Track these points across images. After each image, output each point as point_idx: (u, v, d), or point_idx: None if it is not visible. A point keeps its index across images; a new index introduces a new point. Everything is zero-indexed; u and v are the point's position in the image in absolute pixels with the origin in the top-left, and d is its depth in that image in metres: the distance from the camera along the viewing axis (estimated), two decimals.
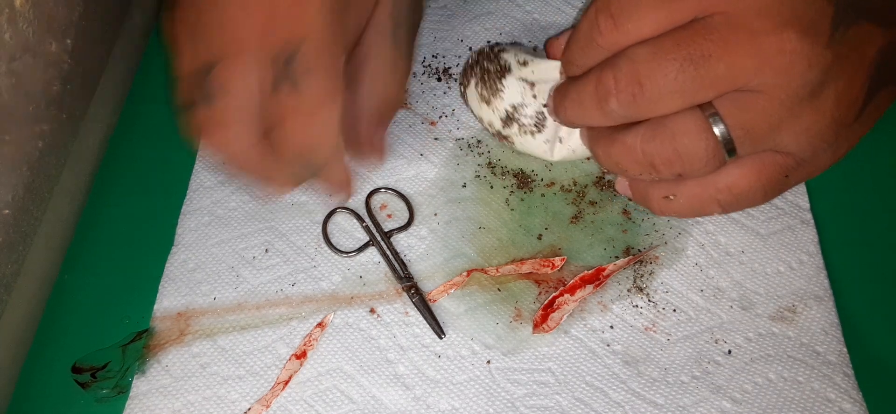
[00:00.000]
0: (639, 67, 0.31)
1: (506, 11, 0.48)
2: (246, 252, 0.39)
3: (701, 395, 0.35)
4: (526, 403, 0.35)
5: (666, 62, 0.31)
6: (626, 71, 0.32)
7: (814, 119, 0.31)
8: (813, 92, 0.31)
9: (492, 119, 0.40)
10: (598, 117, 0.34)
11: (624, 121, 0.33)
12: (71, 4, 0.41)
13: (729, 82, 0.31)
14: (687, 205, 0.35)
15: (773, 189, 0.34)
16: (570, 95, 0.35)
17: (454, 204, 0.41)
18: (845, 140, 0.33)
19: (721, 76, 0.31)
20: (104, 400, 0.35)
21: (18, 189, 0.37)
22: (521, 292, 0.38)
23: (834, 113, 0.31)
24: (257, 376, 0.36)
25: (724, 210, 0.35)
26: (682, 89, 0.31)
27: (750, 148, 0.32)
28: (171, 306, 0.38)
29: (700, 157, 0.32)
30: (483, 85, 0.40)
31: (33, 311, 0.38)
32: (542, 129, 0.39)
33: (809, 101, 0.31)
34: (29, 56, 0.37)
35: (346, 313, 0.37)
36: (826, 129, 0.32)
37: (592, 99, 0.33)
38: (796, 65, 0.30)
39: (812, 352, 0.36)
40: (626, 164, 0.34)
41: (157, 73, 0.47)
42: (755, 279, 0.38)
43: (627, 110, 0.32)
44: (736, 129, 0.32)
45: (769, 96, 0.31)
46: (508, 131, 0.40)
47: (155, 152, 0.44)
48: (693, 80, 0.31)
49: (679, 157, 0.33)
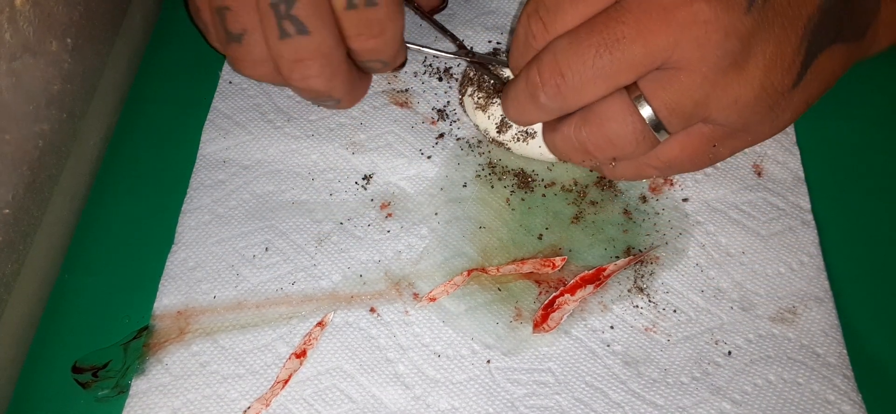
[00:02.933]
0: (559, 58, 0.32)
1: (506, 11, 0.48)
2: (246, 251, 0.39)
3: (701, 396, 0.35)
4: (526, 403, 0.35)
5: (582, 49, 0.31)
6: (548, 63, 0.33)
7: (741, 89, 0.31)
8: (736, 61, 0.30)
9: (487, 126, 0.41)
10: (533, 112, 0.35)
11: (559, 113, 0.34)
12: (71, 4, 0.41)
13: (647, 62, 0.31)
14: (626, 170, 0.37)
15: (700, 159, 0.35)
16: (509, 95, 0.37)
17: (455, 203, 0.41)
18: (787, 107, 0.32)
19: (638, 56, 0.31)
20: (104, 399, 0.35)
21: (18, 188, 0.37)
22: (521, 292, 0.38)
23: (764, 80, 0.31)
24: (257, 375, 0.36)
25: (661, 174, 0.37)
26: (603, 74, 0.31)
27: (679, 125, 0.32)
28: (170, 305, 0.38)
29: (629, 139, 0.33)
30: (479, 93, 0.41)
31: (33, 310, 0.38)
32: (536, 135, 0.40)
33: (734, 70, 0.30)
34: (29, 55, 0.37)
35: (346, 312, 0.37)
36: (756, 98, 0.31)
37: (525, 95, 0.34)
38: (712, 35, 0.30)
39: (812, 353, 0.36)
40: (567, 152, 0.36)
41: (157, 73, 0.47)
42: (755, 280, 0.38)
43: (556, 102, 0.33)
44: (662, 110, 0.32)
45: (690, 71, 0.31)
46: (503, 138, 0.41)
47: (155, 152, 0.44)
48: (611, 63, 0.31)
49: (610, 142, 0.33)
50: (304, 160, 0.43)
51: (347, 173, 0.42)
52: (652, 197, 0.40)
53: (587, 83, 0.32)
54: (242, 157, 0.43)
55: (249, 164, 0.42)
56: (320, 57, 0.34)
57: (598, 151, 0.34)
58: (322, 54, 0.34)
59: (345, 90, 0.37)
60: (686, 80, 0.31)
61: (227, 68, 0.46)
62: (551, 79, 0.32)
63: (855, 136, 0.43)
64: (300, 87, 0.36)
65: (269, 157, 0.43)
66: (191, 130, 0.44)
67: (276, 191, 0.41)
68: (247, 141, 0.43)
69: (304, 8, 0.32)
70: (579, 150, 0.35)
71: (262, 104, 0.45)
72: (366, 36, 0.34)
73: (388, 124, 0.44)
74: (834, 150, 0.42)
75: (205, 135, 0.43)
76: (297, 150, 0.43)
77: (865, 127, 0.43)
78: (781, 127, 0.34)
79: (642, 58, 0.31)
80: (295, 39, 0.33)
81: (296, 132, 0.44)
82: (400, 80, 0.46)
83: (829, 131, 0.43)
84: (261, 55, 0.35)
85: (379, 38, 0.35)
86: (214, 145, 0.43)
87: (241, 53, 0.36)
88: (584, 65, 0.31)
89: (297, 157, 0.43)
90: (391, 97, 0.45)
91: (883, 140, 0.43)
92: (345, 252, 0.39)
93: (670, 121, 0.32)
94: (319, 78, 0.35)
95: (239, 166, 0.42)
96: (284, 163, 0.42)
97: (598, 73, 0.31)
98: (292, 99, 0.45)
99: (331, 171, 0.42)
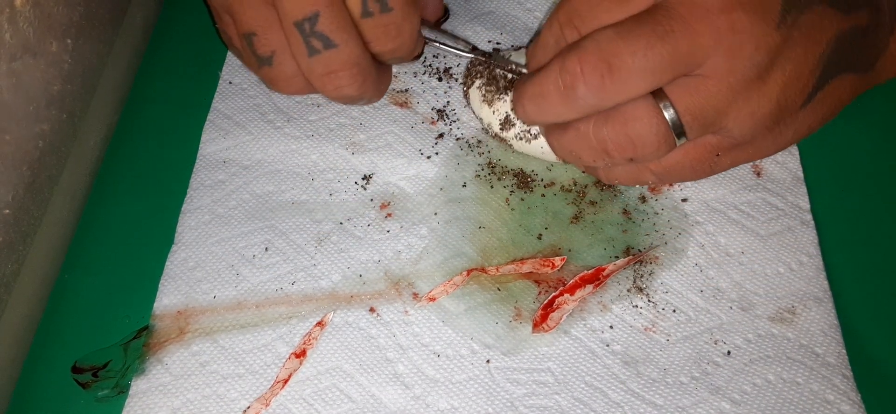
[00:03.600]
0: (604, 48, 0.31)
1: (506, 11, 0.48)
2: (246, 251, 0.39)
3: (700, 396, 0.35)
4: (525, 403, 0.35)
5: (633, 39, 0.31)
6: (592, 53, 0.31)
7: (759, 103, 0.31)
8: (760, 75, 0.30)
9: (491, 121, 0.41)
10: (562, 108, 0.33)
11: (588, 111, 0.33)
12: (71, 4, 0.41)
13: (689, 60, 0.31)
14: (625, 174, 0.37)
15: (701, 168, 0.35)
16: (531, 90, 0.35)
17: (454, 203, 0.41)
18: (790, 127, 0.33)
19: (683, 53, 0.30)
20: (104, 399, 0.35)
21: (19, 189, 0.37)
22: (520, 292, 0.38)
23: (780, 97, 0.31)
24: (257, 375, 0.36)
25: (658, 181, 0.36)
26: (650, 69, 0.31)
27: (699, 131, 0.32)
28: (170, 304, 0.38)
29: (652, 142, 0.33)
30: (487, 86, 0.40)
31: (33, 311, 0.38)
32: (539, 135, 0.40)
33: (757, 83, 0.31)
34: (29, 56, 0.37)
35: (346, 312, 0.37)
36: (770, 113, 0.31)
37: (556, 88, 0.33)
38: (745, 45, 0.30)
39: (811, 353, 0.36)
40: (579, 151, 0.35)
41: (157, 73, 0.47)
42: (755, 280, 0.38)
43: (596, 96, 0.32)
44: (686, 115, 0.32)
45: (717, 80, 0.31)
46: (506, 134, 0.41)
47: (155, 152, 0.44)
48: (660, 56, 0.30)
49: (631, 142, 0.33)
50: (304, 160, 0.43)
51: (347, 173, 0.42)
52: (651, 197, 0.40)
53: (633, 77, 0.31)
54: (242, 158, 0.43)
55: (249, 165, 0.43)
56: (350, 66, 0.35)
57: (617, 151, 0.34)
58: (351, 63, 0.35)
59: (375, 90, 0.38)
60: (712, 89, 0.31)
61: (227, 68, 0.46)
62: (595, 70, 0.31)
63: (854, 137, 0.43)
64: (334, 97, 0.37)
65: (269, 157, 0.43)
66: (191, 130, 0.44)
67: (275, 191, 0.41)
68: (247, 141, 0.43)
69: (328, 23, 0.33)
70: (597, 149, 0.34)
71: (262, 104, 0.45)
72: (384, 39, 0.35)
73: (387, 124, 0.44)
74: (833, 150, 0.42)
75: (205, 135, 0.44)
76: (297, 150, 0.43)
77: (864, 127, 0.43)
78: (783, 146, 0.34)
79: (686, 56, 0.31)
80: (324, 55, 0.34)
81: (296, 132, 0.44)
82: (400, 80, 0.46)
83: (829, 131, 0.43)
84: (292, 72, 0.36)
85: (397, 39, 0.35)
86: (214, 145, 0.43)
87: (273, 74, 0.37)
88: (634, 56, 0.30)
89: (297, 157, 0.43)
90: (391, 97, 0.45)
91: (882, 140, 0.43)
92: (344, 252, 0.39)
93: (692, 126, 0.32)
94: (351, 86, 0.36)
95: (239, 166, 0.42)
96: (284, 163, 0.43)
97: (646, 67, 0.31)
98: (292, 99, 0.45)
99: (331, 172, 0.42)
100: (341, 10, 0.33)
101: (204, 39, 0.48)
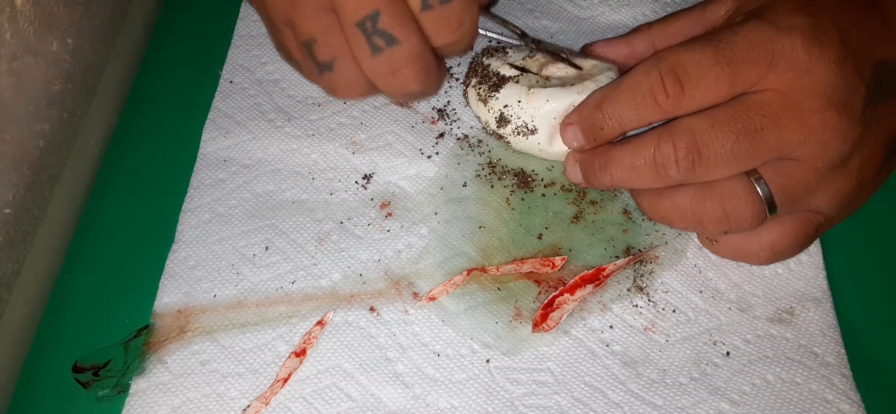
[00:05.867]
0: (698, 138, 0.34)
1: (506, 11, 0.48)
2: (246, 250, 0.39)
3: (699, 396, 0.35)
4: (525, 403, 0.35)
5: (723, 134, 0.34)
6: (685, 139, 0.35)
7: (843, 183, 0.35)
8: (844, 161, 0.34)
9: (488, 119, 0.41)
10: (651, 181, 0.36)
11: (675, 183, 0.36)
12: (71, 4, 0.41)
13: (776, 152, 0.34)
14: (730, 250, 0.38)
15: (806, 243, 0.37)
16: (621, 162, 0.37)
17: (455, 203, 0.41)
18: (863, 197, 0.37)
19: (770, 146, 0.34)
20: (105, 399, 0.35)
21: (19, 188, 0.37)
22: (520, 292, 0.38)
23: (859, 176, 0.35)
24: (257, 374, 0.36)
25: (763, 262, 0.38)
26: (737, 158, 0.34)
27: (788, 208, 0.35)
28: (171, 303, 0.38)
29: (747, 216, 0.35)
30: (483, 85, 0.40)
31: (33, 310, 0.38)
32: (537, 132, 0.39)
33: (840, 168, 0.34)
34: (30, 55, 0.37)
35: (346, 312, 0.37)
36: (851, 191, 0.35)
37: (649, 166, 0.36)
38: (834, 139, 0.34)
39: (810, 353, 0.36)
40: (673, 218, 0.37)
41: (157, 73, 0.47)
42: (753, 281, 0.38)
43: (685, 176, 0.35)
44: (778, 193, 0.35)
45: (808, 165, 0.34)
46: (503, 131, 0.41)
47: (155, 151, 0.44)
48: (746, 150, 0.34)
49: (727, 217, 0.35)
50: (305, 159, 0.43)
51: (347, 173, 0.42)
52: None
53: (721, 163, 0.34)
54: (243, 157, 0.43)
55: (250, 164, 0.43)
56: (414, 62, 0.35)
57: (712, 224, 0.36)
58: (415, 59, 0.35)
59: (437, 84, 0.38)
60: (803, 172, 0.34)
61: (227, 68, 0.46)
62: (687, 156, 0.34)
63: None
64: (398, 95, 0.37)
65: (270, 156, 0.43)
66: (191, 130, 0.44)
67: (276, 190, 0.42)
68: (247, 140, 0.43)
69: (390, 19, 0.33)
70: (692, 220, 0.36)
71: (262, 104, 0.45)
72: (445, 32, 0.35)
73: (388, 124, 0.44)
74: None
75: (205, 134, 0.44)
76: (298, 149, 0.43)
77: None
78: (855, 211, 0.38)
79: (774, 148, 0.34)
80: (387, 52, 0.34)
81: (296, 132, 0.44)
82: None
83: None
84: (353, 76, 0.36)
85: (458, 30, 0.35)
86: (215, 144, 0.43)
87: (334, 80, 0.37)
88: (723, 147, 0.34)
89: (298, 156, 0.43)
90: None
91: None
92: (345, 251, 0.39)
93: (783, 203, 0.35)
94: (416, 82, 0.36)
95: (239, 165, 0.42)
96: (285, 162, 0.43)
97: (733, 157, 0.34)
98: (292, 99, 0.45)
99: (331, 171, 0.42)
100: (402, 6, 0.34)
101: (204, 39, 0.48)
